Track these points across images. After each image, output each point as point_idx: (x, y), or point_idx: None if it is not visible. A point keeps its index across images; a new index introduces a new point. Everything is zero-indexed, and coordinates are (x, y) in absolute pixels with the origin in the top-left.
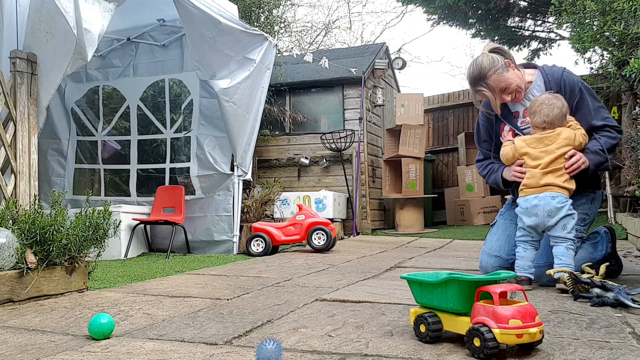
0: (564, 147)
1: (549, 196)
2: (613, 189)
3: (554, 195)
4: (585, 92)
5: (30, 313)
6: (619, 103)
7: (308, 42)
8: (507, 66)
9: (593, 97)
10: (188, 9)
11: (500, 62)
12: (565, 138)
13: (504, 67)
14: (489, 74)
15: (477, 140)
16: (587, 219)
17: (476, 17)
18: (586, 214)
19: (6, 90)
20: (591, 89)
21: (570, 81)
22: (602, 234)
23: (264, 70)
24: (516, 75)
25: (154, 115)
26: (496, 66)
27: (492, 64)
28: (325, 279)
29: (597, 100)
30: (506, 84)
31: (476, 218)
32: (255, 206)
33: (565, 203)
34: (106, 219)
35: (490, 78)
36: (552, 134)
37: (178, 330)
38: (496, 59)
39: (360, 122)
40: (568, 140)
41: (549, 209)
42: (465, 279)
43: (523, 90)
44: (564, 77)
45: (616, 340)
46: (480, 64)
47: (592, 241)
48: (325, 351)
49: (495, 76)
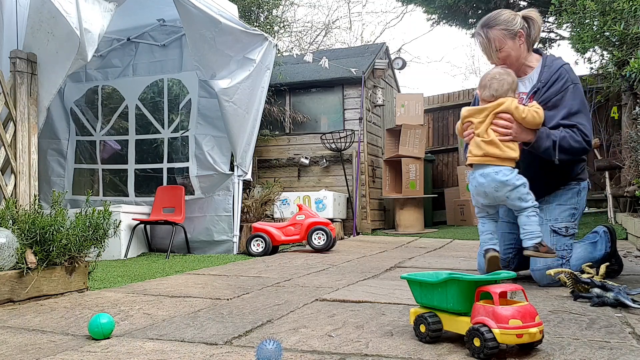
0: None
1: (493, 171)
2: (613, 189)
3: (497, 169)
4: (573, 92)
5: (30, 313)
6: (619, 103)
7: (308, 42)
8: (518, 37)
9: (580, 101)
10: (188, 9)
11: (516, 29)
12: (505, 107)
13: (513, 34)
14: (497, 26)
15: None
16: (576, 212)
17: (476, 17)
18: (574, 208)
19: (6, 90)
20: (583, 95)
21: (565, 76)
22: (601, 233)
23: (264, 70)
24: (516, 49)
25: (153, 115)
26: (509, 27)
27: (507, 23)
28: (325, 279)
29: (583, 106)
30: (501, 46)
31: (476, 218)
32: (255, 206)
33: (510, 175)
34: (106, 219)
35: (494, 30)
36: (492, 104)
37: (178, 330)
38: (515, 23)
39: (360, 122)
40: (507, 109)
41: (495, 185)
42: (465, 279)
43: (513, 64)
44: (561, 70)
45: (616, 340)
46: (499, 15)
47: (591, 240)
48: (325, 351)
49: (499, 33)
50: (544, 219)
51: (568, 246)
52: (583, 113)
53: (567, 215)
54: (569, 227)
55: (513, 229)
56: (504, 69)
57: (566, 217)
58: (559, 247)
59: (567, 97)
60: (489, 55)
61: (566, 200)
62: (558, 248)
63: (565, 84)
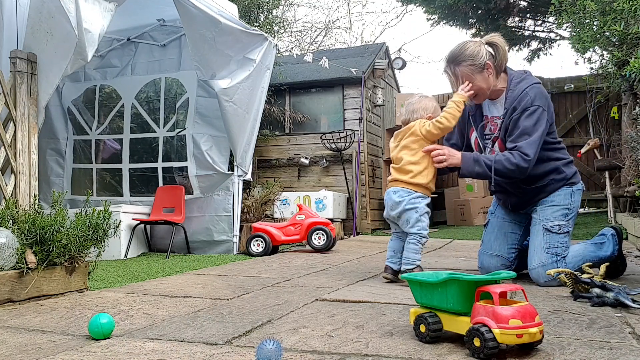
0: (410, 139)
1: (392, 191)
2: (613, 189)
3: (395, 190)
4: (529, 115)
5: (30, 313)
6: (619, 103)
7: (308, 42)
8: (486, 69)
9: (535, 121)
10: (188, 9)
11: (482, 61)
12: (411, 133)
13: (481, 68)
14: (464, 62)
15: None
16: (570, 213)
17: (476, 17)
18: (567, 208)
19: (6, 90)
20: (540, 114)
21: (525, 99)
22: (609, 236)
23: (264, 70)
24: (485, 80)
25: (149, 114)
26: (475, 62)
27: (473, 58)
28: (325, 279)
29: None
30: (470, 81)
31: (476, 218)
32: (255, 206)
33: (405, 197)
34: (106, 219)
35: (462, 67)
36: (404, 129)
37: (178, 330)
38: (481, 56)
39: (360, 122)
40: (413, 134)
41: (391, 203)
42: (465, 279)
43: (486, 95)
44: (522, 95)
45: (616, 340)
46: (463, 50)
47: (596, 241)
48: (325, 351)
49: (467, 69)
50: (537, 220)
51: (563, 244)
52: (530, 134)
53: (560, 215)
54: (561, 225)
55: (516, 229)
56: (422, 95)
57: (558, 217)
58: (553, 245)
59: (520, 120)
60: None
61: (559, 201)
62: (552, 245)
63: (522, 108)
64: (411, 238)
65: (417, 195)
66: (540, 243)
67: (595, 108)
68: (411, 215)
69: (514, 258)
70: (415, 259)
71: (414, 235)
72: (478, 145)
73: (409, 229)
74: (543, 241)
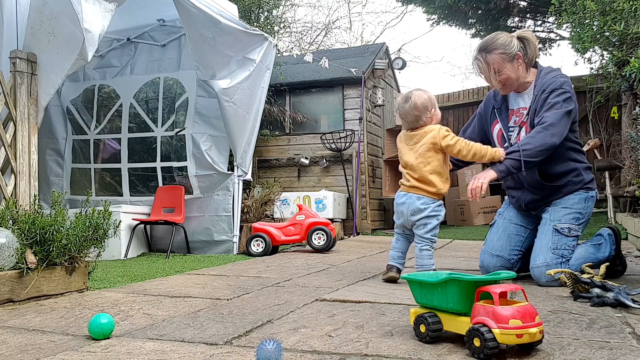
0: (427, 147)
1: (415, 197)
2: (613, 189)
3: (419, 196)
4: (558, 95)
5: (30, 313)
6: (619, 103)
7: (308, 42)
8: (516, 59)
9: (563, 99)
10: (188, 9)
11: (513, 51)
12: (432, 143)
13: (511, 57)
14: (495, 51)
15: (467, 124)
16: (581, 217)
17: (476, 17)
18: (580, 213)
19: (6, 90)
20: (570, 100)
21: (554, 83)
22: (606, 236)
23: (264, 70)
24: (515, 70)
25: (148, 114)
26: (507, 51)
27: (505, 47)
28: (325, 279)
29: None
30: (500, 70)
31: (476, 218)
32: (255, 206)
33: (430, 205)
34: (106, 219)
35: (493, 55)
36: (419, 133)
37: (178, 330)
38: (512, 46)
39: (360, 122)
40: (433, 143)
41: (413, 209)
42: (465, 279)
43: (513, 85)
44: (552, 80)
45: (616, 341)
46: (496, 39)
47: (594, 242)
48: (325, 351)
49: (498, 57)
50: (547, 219)
51: (570, 247)
52: (558, 109)
53: (571, 218)
54: (572, 228)
55: (520, 232)
56: (408, 92)
57: (570, 220)
58: (560, 247)
59: (549, 98)
60: (489, 78)
61: (572, 204)
62: (559, 247)
63: (552, 89)
64: (424, 245)
65: (439, 203)
66: (547, 243)
67: (595, 108)
68: (431, 221)
69: (516, 260)
70: (431, 264)
71: (426, 241)
72: (502, 136)
73: (423, 233)
74: (551, 241)
